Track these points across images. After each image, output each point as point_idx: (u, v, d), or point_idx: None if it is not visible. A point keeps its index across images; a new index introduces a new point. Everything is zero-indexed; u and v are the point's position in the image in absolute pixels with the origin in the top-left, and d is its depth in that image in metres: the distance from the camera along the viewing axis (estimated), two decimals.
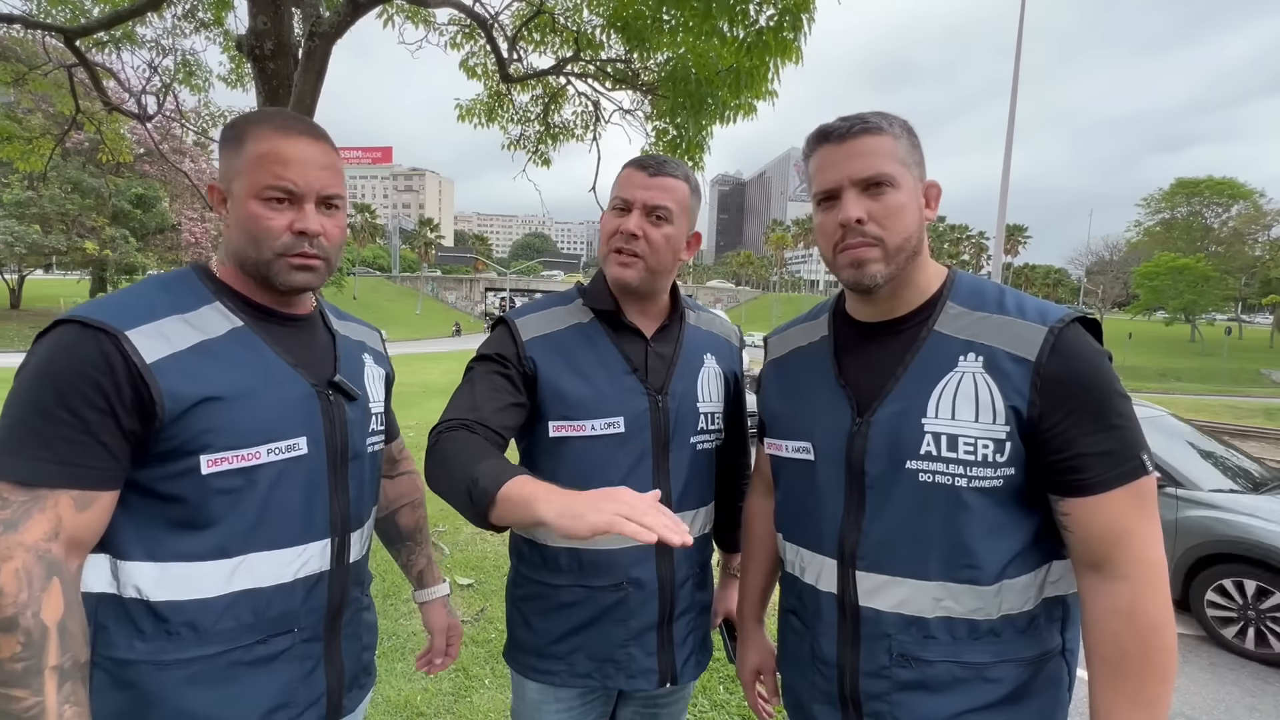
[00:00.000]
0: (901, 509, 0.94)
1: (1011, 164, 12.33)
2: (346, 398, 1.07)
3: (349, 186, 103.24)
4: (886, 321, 1.02)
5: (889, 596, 0.95)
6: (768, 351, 1.24)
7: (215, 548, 0.92)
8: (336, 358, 1.10)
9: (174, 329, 0.91)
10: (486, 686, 2.81)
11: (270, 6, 3.24)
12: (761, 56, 3.61)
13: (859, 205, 0.94)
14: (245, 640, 0.94)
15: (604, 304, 1.26)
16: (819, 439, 1.03)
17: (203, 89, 6.30)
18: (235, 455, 0.92)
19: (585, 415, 1.19)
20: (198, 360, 0.91)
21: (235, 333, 0.97)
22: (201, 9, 5.69)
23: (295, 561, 0.98)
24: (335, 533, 1.03)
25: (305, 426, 1.00)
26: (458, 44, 5.40)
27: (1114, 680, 0.84)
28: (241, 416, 0.92)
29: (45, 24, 4.76)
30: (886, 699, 0.95)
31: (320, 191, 0.97)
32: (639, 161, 1.24)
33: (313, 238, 0.97)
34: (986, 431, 0.88)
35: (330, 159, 0.99)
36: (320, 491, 1.02)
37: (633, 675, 1.23)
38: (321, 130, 1.01)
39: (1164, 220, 51.48)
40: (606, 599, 1.22)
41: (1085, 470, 0.85)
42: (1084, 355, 0.87)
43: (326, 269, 1.02)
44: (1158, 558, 0.85)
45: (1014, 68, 12.04)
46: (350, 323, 1.23)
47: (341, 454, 1.04)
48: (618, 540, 1.19)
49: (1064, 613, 0.96)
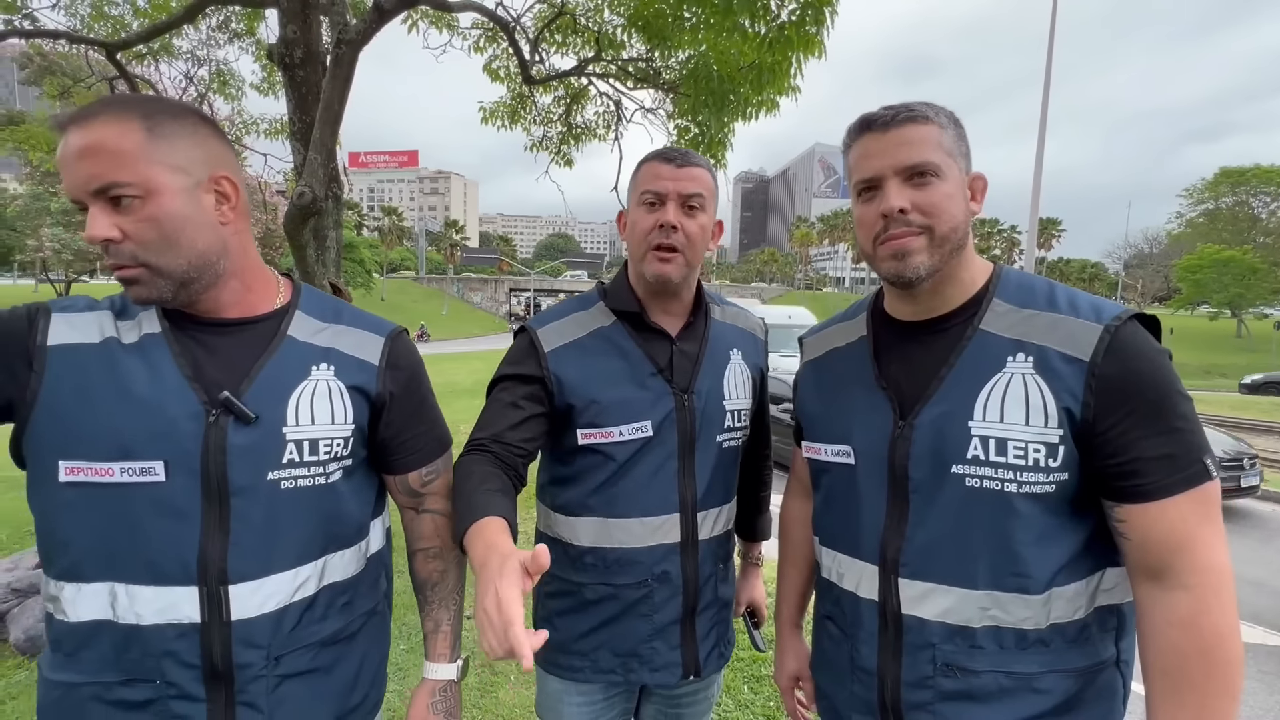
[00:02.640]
0: (947, 515, 0.90)
1: (1044, 156, 11.99)
2: (237, 420, 0.89)
3: (375, 191, 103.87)
4: (929, 320, 0.98)
5: (933, 605, 0.91)
6: (804, 352, 1.21)
7: (68, 569, 0.86)
8: (254, 371, 0.92)
9: (97, 320, 0.90)
10: (512, 682, 2.84)
11: (299, 15, 3.32)
12: (784, 51, 3.57)
13: (902, 195, 0.90)
14: (105, 677, 0.86)
15: (628, 305, 1.24)
16: (859, 442, 1.00)
17: (236, 97, 6.49)
18: (88, 468, 0.84)
19: (613, 422, 1.18)
20: (89, 354, 0.87)
21: (148, 337, 0.90)
22: (234, 20, 5.86)
23: (156, 600, 0.85)
24: (203, 582, 0.86)
25: (167, 449, 0.85)
26: (481, 47, 5.46)
27: (1174, 695, 0.80)
28: (95, 426, 0.84)
29: (89, 39, 4.95)
30: (929, 709, 0.93)
31: (87, 187, 0.82)
32: (663, 155, 1.21)
33: (108, 245, 0.83)
34: (1038, 435, 0.85)
35: (86, 140, 0.80)
36: (185, 527, 0.86)
37: (656, 669, 1.24)
38: (93, 111, 0.82)
39: (1207, 211, 49.55)
40: (630, 596, 1.22)
41: (1144, 475, 0.81)
42: (1142, 354, 0.83)
43: (151, 274, 0.86)
44: (1222, 565, 0.80)
45: (1047, 57, 11.71)
46: (340, 326, 1.03)
47: (219, 486, 0.87)
48: (642, 538, 1.21)
49: (1118, 622, 0.91)
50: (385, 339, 1.06)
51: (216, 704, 0.88)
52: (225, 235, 0.91)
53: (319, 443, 0.95)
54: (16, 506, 5.16)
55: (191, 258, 0.87)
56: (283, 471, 0.92)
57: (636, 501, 1.20)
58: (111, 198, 0.82)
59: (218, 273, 0.91)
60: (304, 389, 0.95)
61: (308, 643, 0.95)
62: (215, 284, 0.92)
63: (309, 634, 0.95)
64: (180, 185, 0.85)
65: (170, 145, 0.85)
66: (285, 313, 0.99)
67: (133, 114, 0.83)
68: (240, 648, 0.88)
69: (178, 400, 0.87)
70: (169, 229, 0.84)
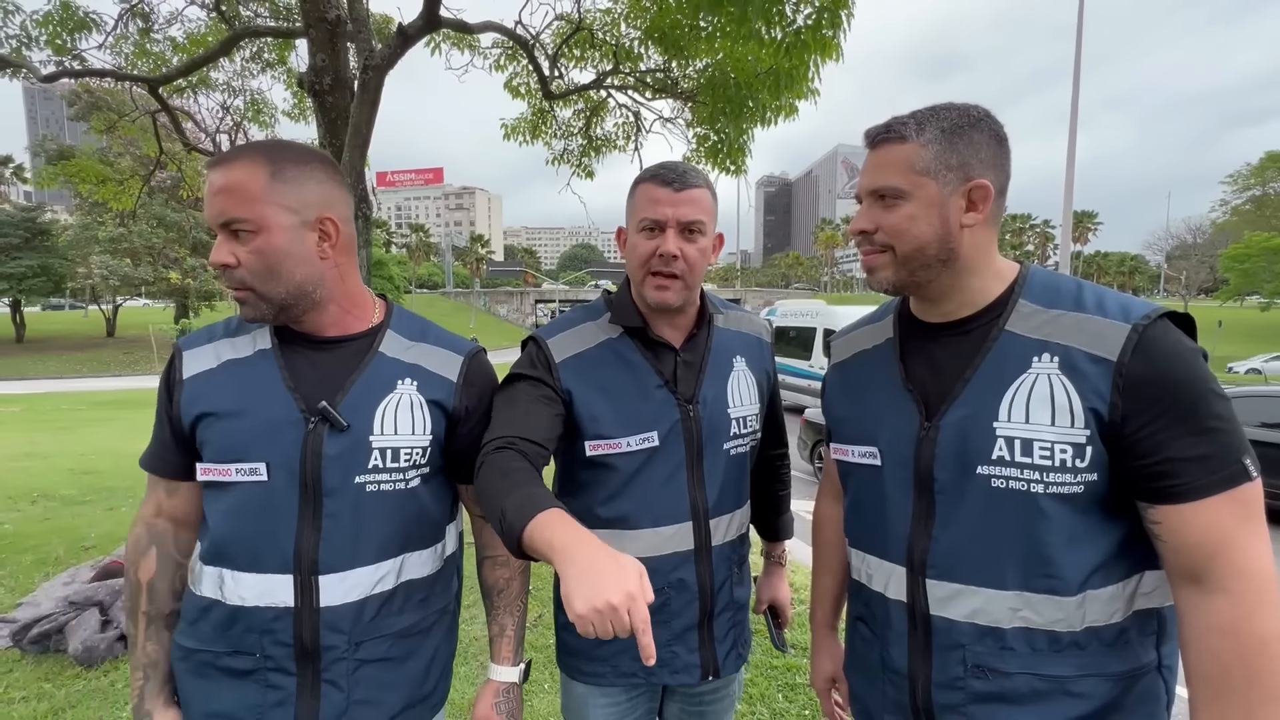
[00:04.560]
0: (973, 516, 0.90)
1: (1076, 148, 11.69)
2: (332, 427, 0.99)
3: (403, 208, 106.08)
4: (953, 321, 0.99)
5: (962, 606, 0.91)
6: (831, 355, 1.22)
7: (202, 552, 1.04)
8: (348, 384, 1.03)
9: (215, 349, 1.06)
10: (546, 690, 2.86)
11: (328, 44, 3.45)
12: (801, 56, 3.57)
13: (867, 217, 0.97)
14: (216, 647, 1.00)
15: (632, 321, 1.25)
16: (885, 443, 1.01)
17: (269, 125, 6.75)
18: (216, 469, 0.99)
19: (620, 433, 1.20)
20: (213, 377, 1.03)
21: (260, 352, 1.05)
22: (267, 50, 6.11)
23: (258, 585, 0.98)
24: (298, 570, 0.98)
25: (271, 452, 0.98)
26: (501, 66, 5.58)
27: (1216, 703, 0.78)
28: (221, 433, 0.99)
29: (133, 76, 5.21)
30: (961, 711, 0.92)
31: (217, 219, 0.95)
32: (660, 177, 1.18)
33: (225, 268, 0.97)
34: (1064, 435, 0.84)
35: (221, 180, 0.94)
36: (284, 522, 0.98)
37: (676, 671, 1.27)
38: (231, 155, 0.97)
39: (1254, 197, 47.52)
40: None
41: (1177, 476, 0.79)
42: (1172, 354, 0.81)
43: (257, 297, 0.98)
44: (1265, 568, 0.78)
45: (1076, 47, 11.45)
46: (426, 345, 1.13)
47: (313, 487, 0.98)
48: (659, 547, 1.23)
49: (1159, 626, 0.89)
50: (464, 358, 1.16)
51: (305, 679, 0.99)
52: (324, 269, 1.03)
53: (400, 451, 1.04)
54: (73, 524, 5.40)
55: (290, 287, 0.99)
56: (368, 476, 1.02)
57: (649, 511, 1.22)
58: (233, 230, 0.95)
59: (315, 300, 1.03)
60: (389, 401, 1.05)
61: (385, 633, 1.04)
62: (314, 308, 1.04)
63: (387, 625, 1.04)
64: (289, 223, 0.97)
65: (288, 187, 0.97)
66: (378, 331, 1.10)
67: (261, 159, 0.96)
68: (326, 631, 0.99)
69: (281, 408, 0.99)
70: (272, 260, 0.97)
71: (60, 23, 4.84)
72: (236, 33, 4.83)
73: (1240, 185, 47.73)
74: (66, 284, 35.15)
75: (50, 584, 3.51)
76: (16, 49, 4.87)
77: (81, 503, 6.22)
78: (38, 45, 4.91)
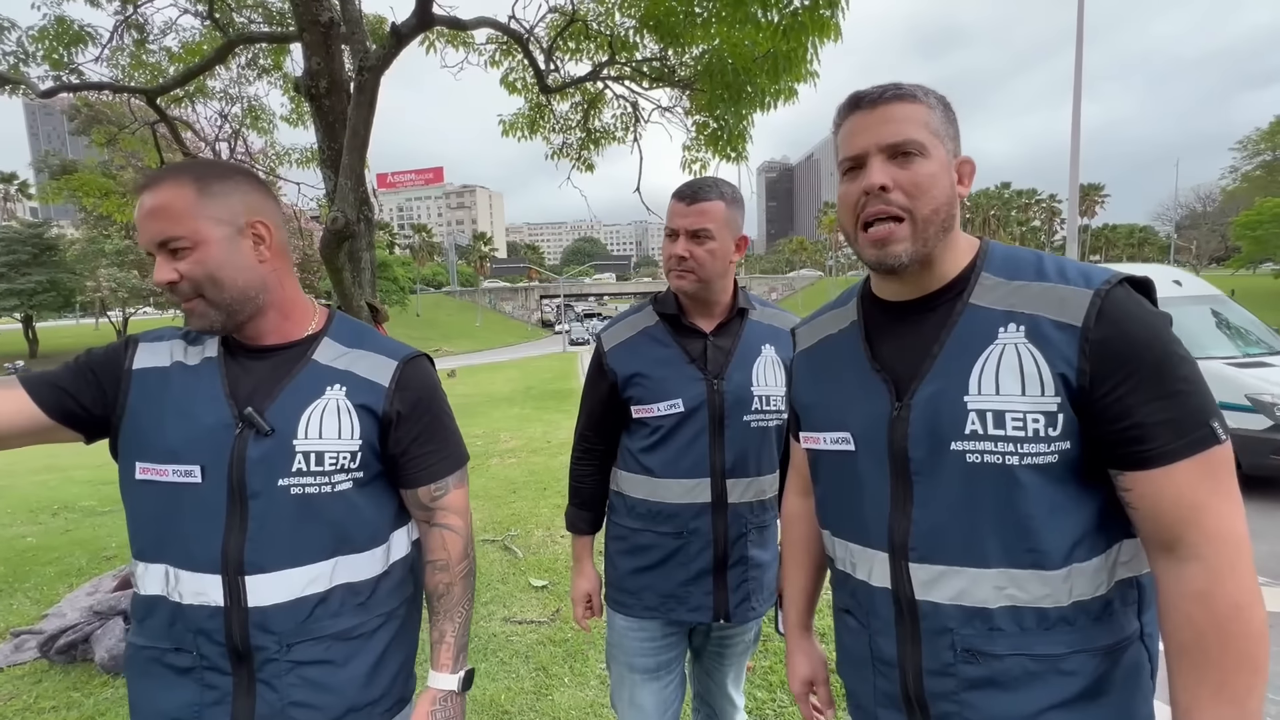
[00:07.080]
0: (951, 494, 0.88)
1: (1081, 118, 11.51)
2: (257, 432, 1.01)
3: (404, 209, 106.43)
4: (918, 299, 0.97)
5: (947, 588, 0.89)
6: (796, 343, 1.20)
7: (140, 550, 1.05)
8: (277, 390, 1.05)
9: (170, 348, 1.10)
10: (566, 685, 2.88)
11: (322, 47, 3.43)
12: (799, 38, 3.53)
13: (884, 171, 0.89)
14: (161, 644, 1.02)
15: (668, 309, 1.57)
16: (857, 427, 0.99)
17: (268, 131, 6.74)
18: (153, 468, 1.02)
19: (653, 399, 1.51)
20: (164, 375, 1.06)
21: (206, 360, 1.08)
22: (262, 56, 6.10)
23: (192, 584, 0.99)
24: (225, 570, 0.99)
25: (204, 455, 1.00)
26: (497, 61, 5.54)
27: (1194, 672, 0.77)
28: (158, 434, 1.02)
29: (131, 87, 5.22)
30: (954, 698, 0.90)
31: (153, 241, 0.99)
32: (678, 193, 1.51)
33: (170, 285, 1.00)
34: (1035, 405, 0.83)
35: (151, 202, 0.97)
36: (213, 523, 1.00)
37: (692, 609, 1.54)
38: (157, 177, 1.00)
39: (1265, 163, 46.69)
40: (670, 545, 1.53)
41: (1146, 441, 0.79)
42: (1135, 317, 0.81)
43: (206, 305, 1.02)
44: (1236, 532, 0.77)
45: (1078, 16, 11.24)
46: (360, 351, 1.13)
47: (239, 490, 1.00)
48: (680, 496, 1.52)
49: (1139, 595, 0.89)
50: (398, 363, 1.14)
51: (240, 679, 1.01)
52: (264, 273, 1.06)
53: (325, 454, 1.05)
54: (94, 535, 5.48)
55: (234, 293, 1.03)
56: (292, 479, 1.03)
57: (676, 465, 1.51)
58: (170, 249, 0.99)
59: (258, 305, 1.06)
60: (316, 407, 1.06)
61: (320, 635, 1.04)
62: (256, 314, 1.07)
63: (321, 627, 1.04)
64: (223, 234, 1.01)
65: (215, 201, 1.01)
66: (315, 339, 1.13)
67: (186, 177, 1.00)
68: (256, 631, 1.00)
69: (215, 413, 1.03)
70: (213, 269, 1.01)
71: (56, 37, 4.84)
72: (231, 40, 4.82)
73: (1251, 150, 46.87)
74: (76, 298, 35.53)
75: (74, 594, 3.56)
76: (14, 65, 4.88)
77: (101, 513, 6.31)
78: (35, 61, 4.92)
